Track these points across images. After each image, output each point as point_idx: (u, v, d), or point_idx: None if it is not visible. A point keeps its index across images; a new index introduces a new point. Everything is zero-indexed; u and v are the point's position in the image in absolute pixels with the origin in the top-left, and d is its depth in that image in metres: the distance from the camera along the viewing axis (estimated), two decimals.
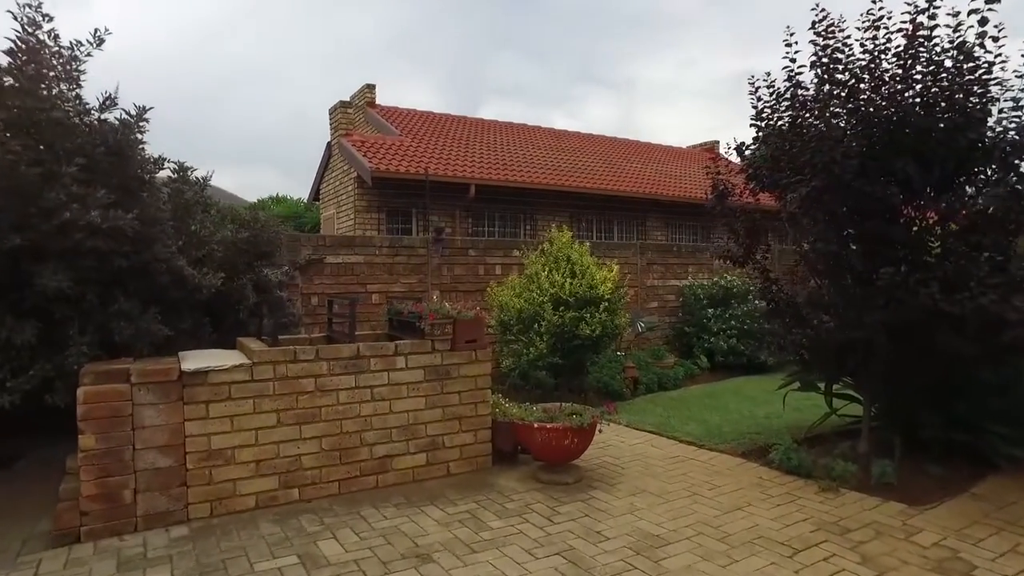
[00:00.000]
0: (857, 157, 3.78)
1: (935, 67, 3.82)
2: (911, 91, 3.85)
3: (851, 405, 5.37)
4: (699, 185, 16.22)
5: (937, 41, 3.93)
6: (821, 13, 4.28)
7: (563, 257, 7.25)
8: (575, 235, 7.84)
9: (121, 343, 4.40)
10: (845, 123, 4.00)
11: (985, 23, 3.78)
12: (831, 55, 4.17)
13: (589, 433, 4.51)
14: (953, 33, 3.91)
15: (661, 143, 20.89)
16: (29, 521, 3.79)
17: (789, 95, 4.41)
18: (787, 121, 4.42)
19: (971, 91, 3.77)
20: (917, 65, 3.85)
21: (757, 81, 4.63)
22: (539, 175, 13.24)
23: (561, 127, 19.89)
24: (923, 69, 3.83)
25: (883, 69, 3.98)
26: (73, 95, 4.41)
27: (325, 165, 14.04)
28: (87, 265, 4.10)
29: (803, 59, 4.32)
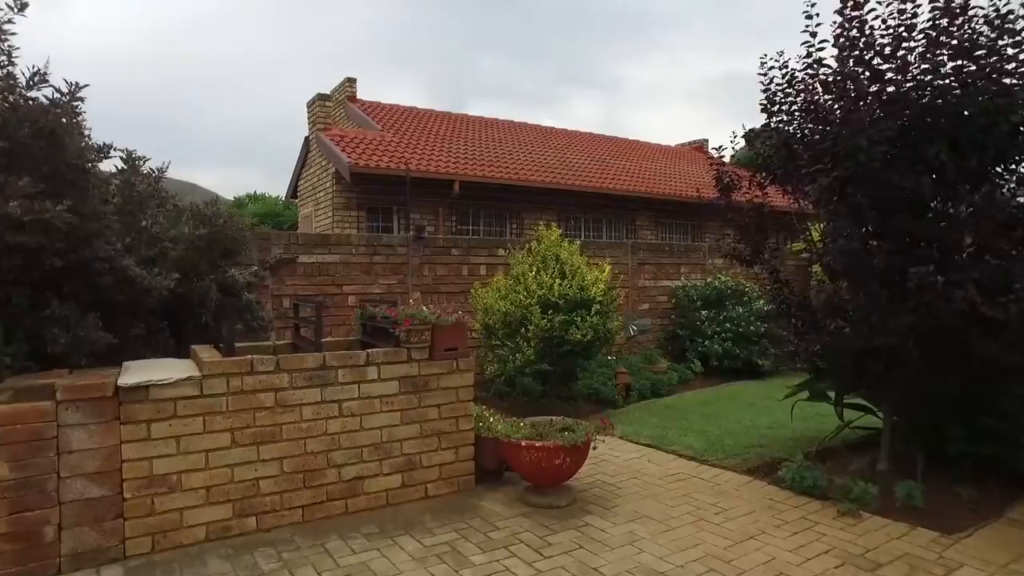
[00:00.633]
0: (886, 143, 3.39)
1: (972, 43, 3.41)
2: (946, 69, 3.44)
3: (861, 416, 4.98)
4: (690, 183, 15.86)
5: (977, 12, 3.51)
6: None
7: (552, 256, 6.81)
8: (564, 234, 7.40)
9: (57, 353, 3.90)
10: (869, 105, 3.59)
11: None
12: (858, 26, 3.72)
13: (583, 451, 4.08)
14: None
15: (650, 141, 20.54)
16: None
17: (808, 74, 3.98)
18: (803, 104, 4.01)
19: (1015, 71, 3.36)
20: (952, 40, 3.45)
21: (769, 61, 4.21)
22: (526, 172, 12.81)
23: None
24: (960, 43, 3.43)
25: (915, 43, 3.55)
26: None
27: (303, 161, 13.50)
28: (11, 264, 3.59)
29: (818, 40, 3.90)
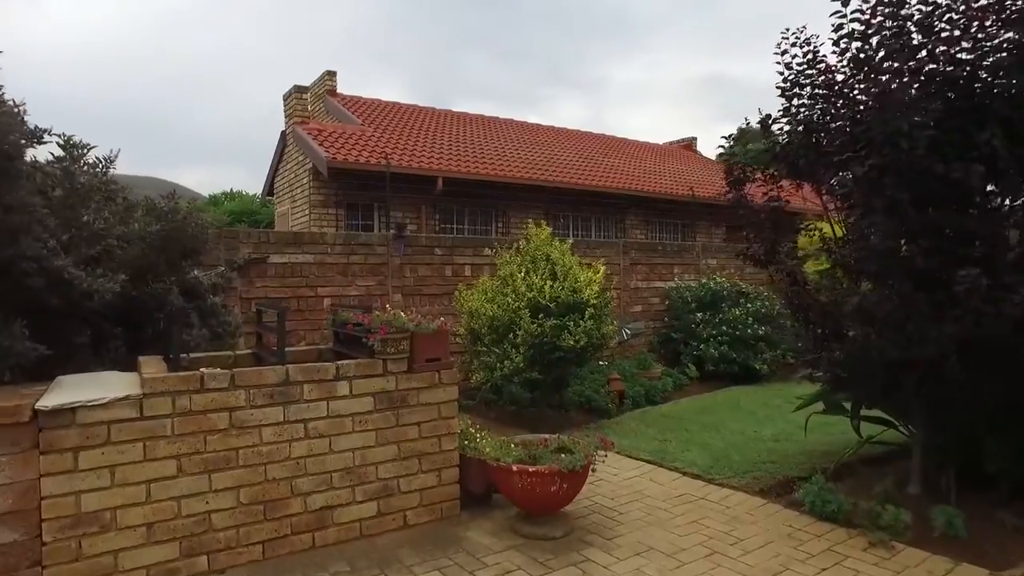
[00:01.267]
0: (931, 128, 2.98)
1: None
2: (999, 41, 3.04)
3: (884, 431, 4.59)
4: (680, 182, 15.51)
5: None
6: None
7: (542, 256, 6.36)
8: (553, 233, 6.95)
9: None
10: (909, 83, 3.17)
11: None
12: None
13: (582, 476, 3.64)
14: None
15: (637, 139, 20.18)
16: None
17: (842, 48, 3.53)
18: (826, 83, 3.58)
19: None
20: (1006, 7, 3.04)
21: (790, 36, 3.78)
22: (512, 169, 12.36)
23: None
24: (1016, 11, 3.02)
25: (962, 13, 3.14)
26: None
27: (279, 156, 12.93)
28: None
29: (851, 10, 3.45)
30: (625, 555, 3.38)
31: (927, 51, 3.13)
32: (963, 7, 3.18)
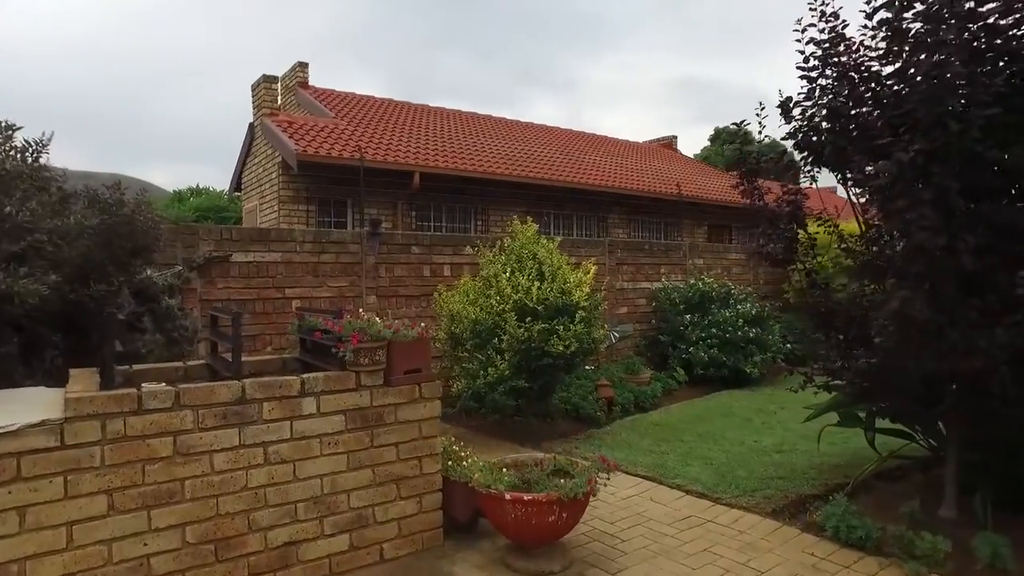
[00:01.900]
0: (989, 106, 2.62)
1: None
2: None
3: (905, 444, 4.25)
4: (662, 180, 15.23)
5: None
6: None
7: (528, 255, 5.94)
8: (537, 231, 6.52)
9: None
10: (958, 56, 2.80)
11: None
12: None
13: (584, 503, 3.22)
14: None
15: (617, 137, 19.88)
16: None
17: (872, 24, 3.17)
18: (854, 65, 3.21)
19: None
20: None
21: (816, 8, 3.40)
22: (491, 164, 11.91)
23: None
24: None
25: None
26: None
27: (247, 150, 12.30)
28: None
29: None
30: None
31: (983, 21, 2.78)
32: None
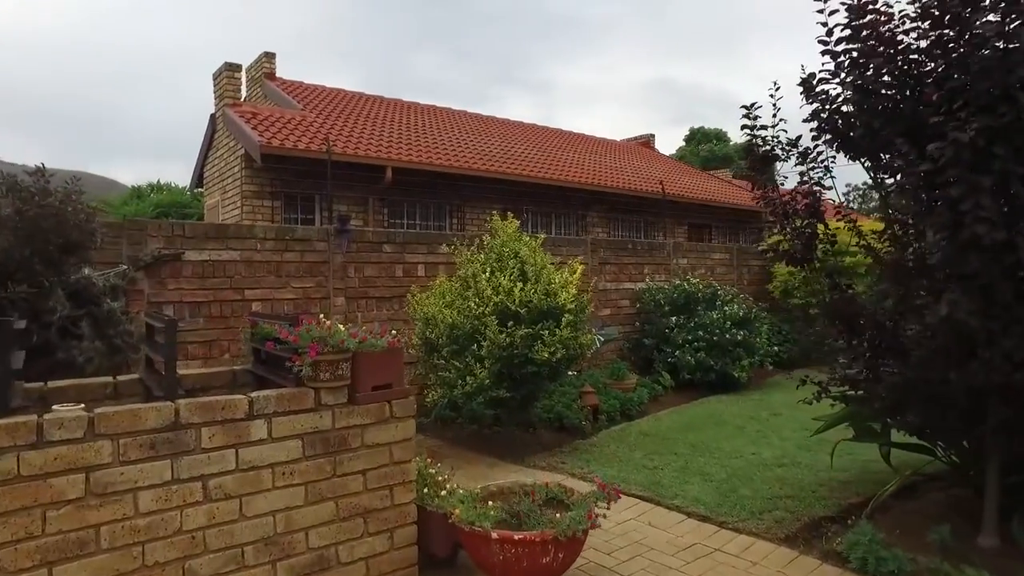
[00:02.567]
0: None
1: None
2: None
3: (930, 461, 3.91)
4: (642, 178, 14.92)
5: None
6: None
7: (510, 254, 5.50)
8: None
9: None
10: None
11: None
12: None
13: (581, 541, 2.78)
14: None
15: (595, 135, 19.54)
16: None
17: None
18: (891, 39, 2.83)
19: None
20: None
21: None
22: (468, 160, 11.45)
23: None
24: None
25: None
26: None
27: (208, 143, 11.64)
28: None
29: None
30: None
31: None
32: None
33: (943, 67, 2.66)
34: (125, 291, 5.28)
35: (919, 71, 2.78)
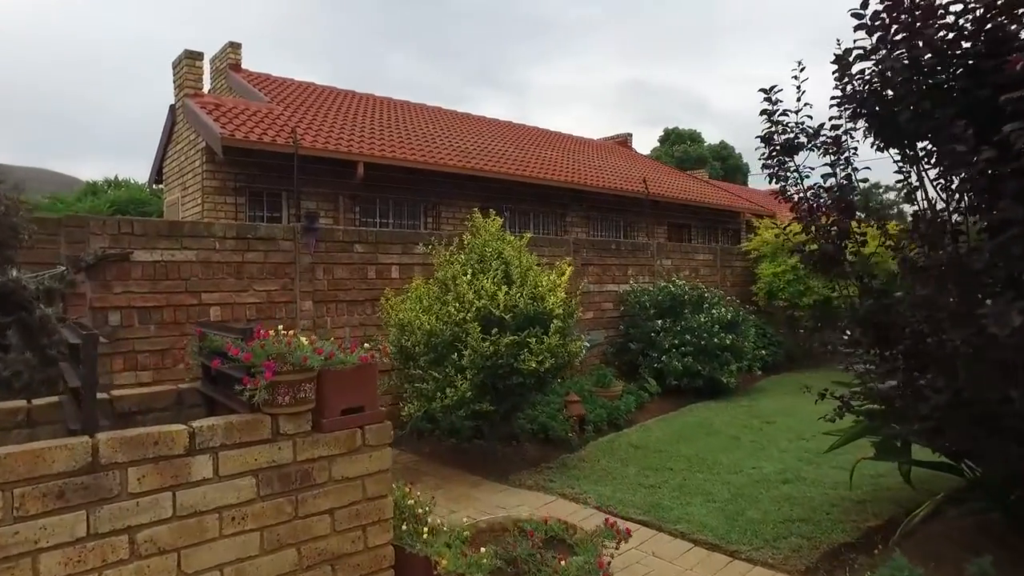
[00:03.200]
0: None
1: None
2: None
3: (959, 480, 3.59)
4: (621, 177, 14.62)
5: None
6: None
7: (492, 254, 5.08)
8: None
9: None
10: None
11: None
12: None
13: None
14: None
15: (572, 134, 19.21)
16: None
17: None
18: None
19: None
20: None
21: None
22: (444, 156, 10.99)
23: None
24: None
25: None
26: None
27: (168, 136, 10.98)
28: None
29: None
30: None
31: None
32: None
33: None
34: (63, 295, 4.73)
35: (986, 43, 2.42)
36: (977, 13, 2.52)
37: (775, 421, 6.65)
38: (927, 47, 2.54)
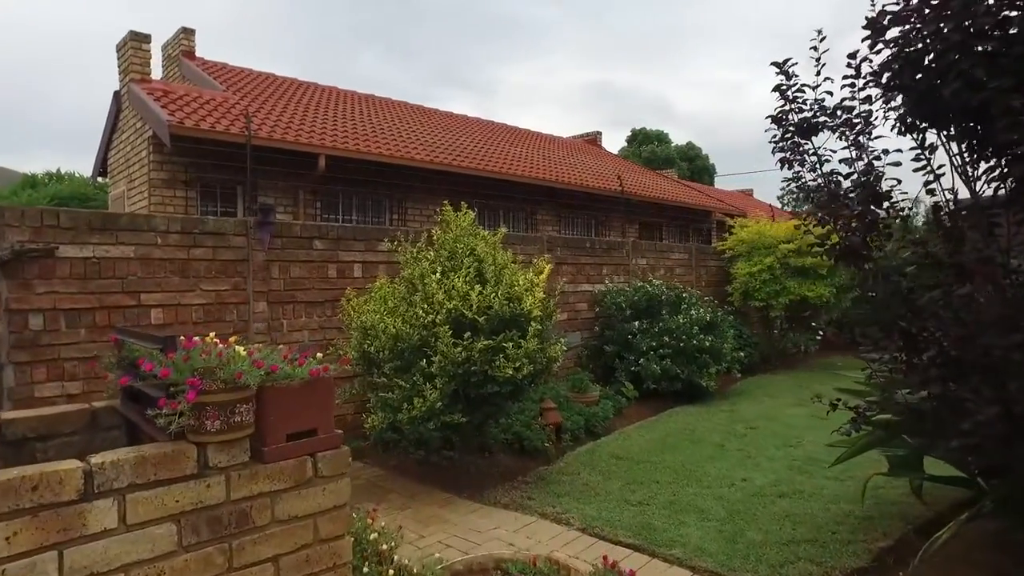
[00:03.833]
0: None
1: None
2: None
3: (982, 497, 3.30)
4: (593, 175, 14.33)
5: None
6: None
7: (464, 251, 4.67)
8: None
9: None
10: None
11: None
12: None
13: None
14: None
15: (542, 131, 18.87)
16: None
17: None
18: None
19: None
20: None
21: None
22: (410, 150, 10.51)
23: None
24: None
25: None
26: None
27: (112, 124, 10.25)
28: None
29: None
30: None
31: None
32: None
33: None
34: None
35: None
36: None
37: (758, 426, 6.38)
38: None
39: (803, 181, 2.97)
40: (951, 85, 2.36)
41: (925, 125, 2.67)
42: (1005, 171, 2.39)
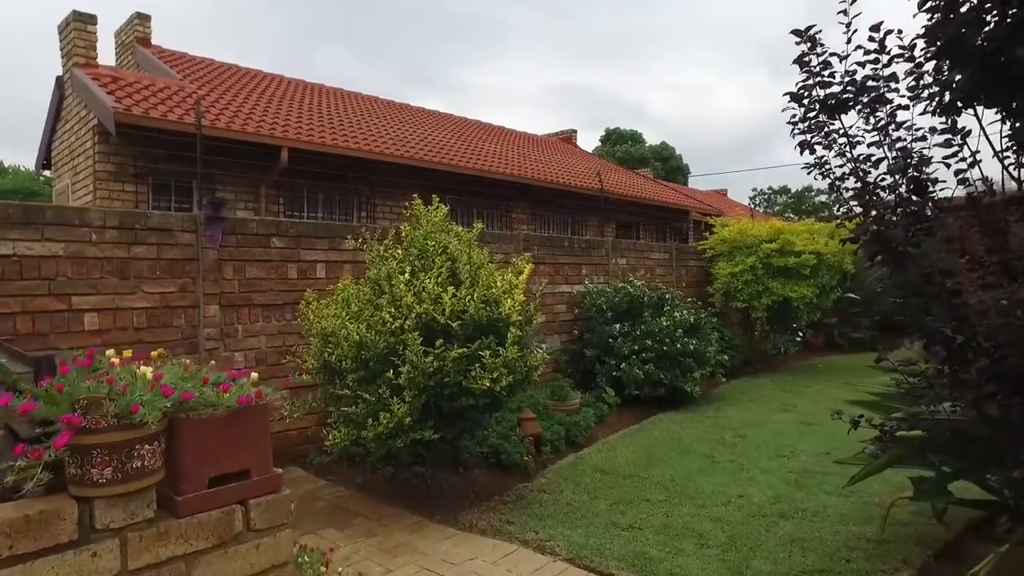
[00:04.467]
0: None
1: None
2: None
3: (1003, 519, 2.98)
4: (569, 173, 13.98)
5: None
6: None
7: (436, 249, 4.24)
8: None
9: None
10: None
11: None
12: None
13: None
14: None
15: (516, 129, 18.47)
16: None
17: None
18: None
19: None
20: None
21: None
22: (380, 144, 10.01)
23: None
24: None
25: None
26: None
27: (56, 113, 9.56)
28: None
29: None
30: None
31: None
32: None
33: None
34: None
35: None
36: None
37: (747, 435, 6.07)
38: None
39: (828, 167, 2.62)
40: (1019, 50, 1.99)
41: (960, 106, 2.34)
42: None
